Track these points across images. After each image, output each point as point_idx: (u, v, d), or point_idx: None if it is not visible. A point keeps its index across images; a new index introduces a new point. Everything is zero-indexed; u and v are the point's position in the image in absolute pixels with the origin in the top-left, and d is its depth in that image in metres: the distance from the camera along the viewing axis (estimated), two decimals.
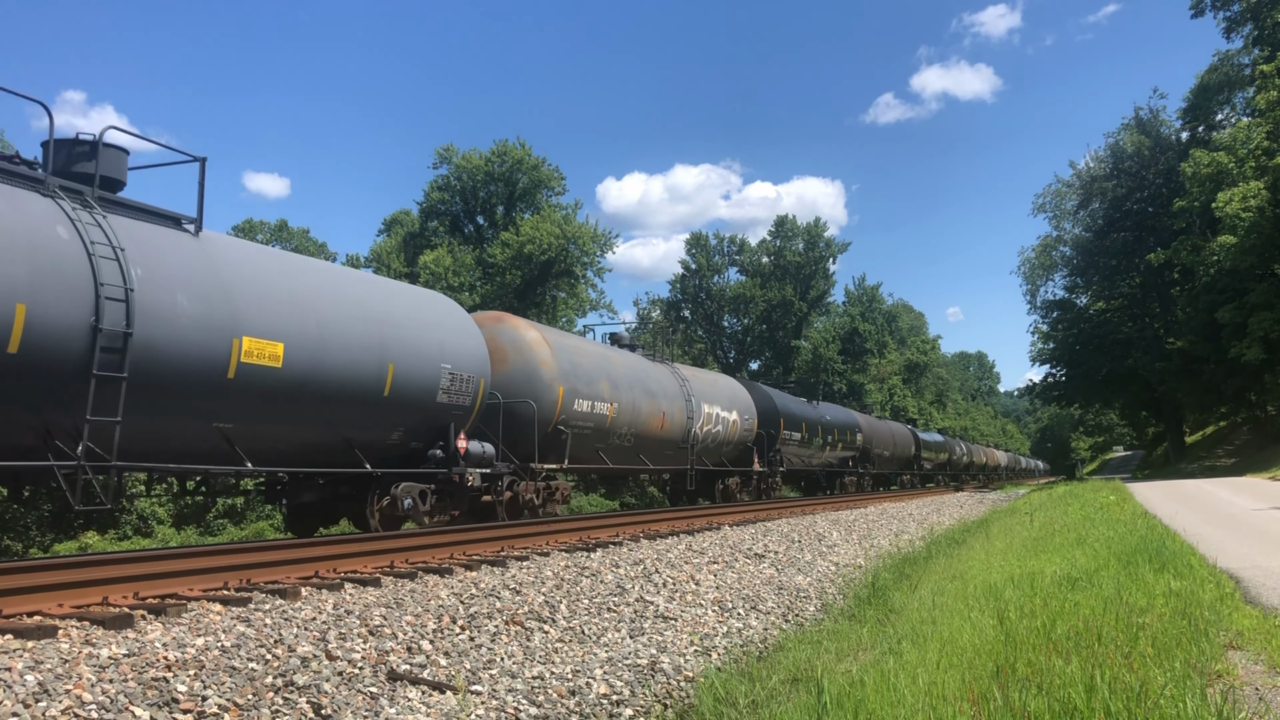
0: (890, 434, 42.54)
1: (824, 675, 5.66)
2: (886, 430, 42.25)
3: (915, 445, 47.50)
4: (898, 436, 44.11)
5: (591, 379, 16.97)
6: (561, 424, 15.93)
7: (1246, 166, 38.93)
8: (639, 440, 18.81)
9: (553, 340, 16.59)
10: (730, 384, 25.78)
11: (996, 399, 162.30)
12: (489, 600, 7.99)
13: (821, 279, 76.93)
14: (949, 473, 57.80)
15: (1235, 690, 4.51)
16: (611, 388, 17.62)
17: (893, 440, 42.32)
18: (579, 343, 18.19)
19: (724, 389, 24.28)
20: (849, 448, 34.46)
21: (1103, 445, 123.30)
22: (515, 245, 47.33)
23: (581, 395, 16.42)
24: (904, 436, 45.89)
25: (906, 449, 45.48)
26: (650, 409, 19.14)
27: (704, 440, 21.98)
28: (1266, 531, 13.25)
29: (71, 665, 5.08)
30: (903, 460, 44.80)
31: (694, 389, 21.65)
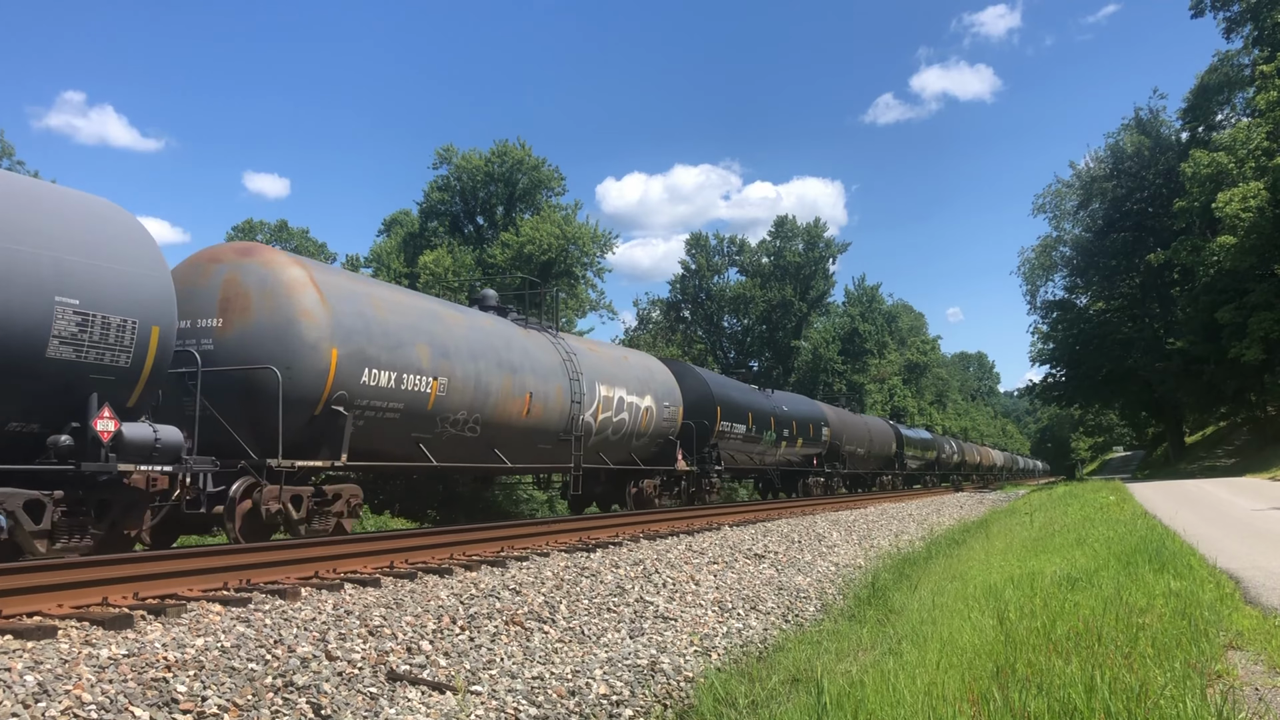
0: (865, 429, 38.61)
1: (824, 675, 5.66)
2: (861, 425, 38.27)
3: (897, 442, 43.77)
4: (875, 432, 40.25)
5: (397, 342, 12.43)
6: (338, 402, 11.37)
7: (1246, 167, 38.92)
8: (490, 429, 14.49)
9: (328, 284, 11.81)
10: (645, 363, 21.10)
11: (996, 399, 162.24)
12: (489, 600, 7.99)
13: (821, 279, 76.87)
14: (937, 472, 55.09)
15: (1235, 690, 4.50)
16: (437, 356, 13.16)
17: (868, 436, 38.50)
18: (384, 293, 13.32)
19: (634, 369, 19.82)
20: (813, 444, 30.69)
21: (1103, 445, 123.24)
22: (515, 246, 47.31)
23: (378, 364, 11.97)
24: (883, 432, 42.10)
25: (886, 446, 41.76)
26: (507, 387, 14.68)
27: (601, 432, 17.87)
28: (1266, 532, 13.24)
29: (71, 665, 5.07)
30: (882, 459, 41.27)
31: (585, 365, 17.36)
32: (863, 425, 38.40)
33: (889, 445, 42.29)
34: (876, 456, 39.99)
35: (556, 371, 16.35)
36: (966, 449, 67.89)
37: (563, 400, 16.29)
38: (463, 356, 13.78)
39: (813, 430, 30.63)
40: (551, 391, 15.99)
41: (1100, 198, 55.63)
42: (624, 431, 18.77)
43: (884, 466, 42.01)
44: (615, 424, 18.43)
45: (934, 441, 54.28)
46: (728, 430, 23.33)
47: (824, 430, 31.81)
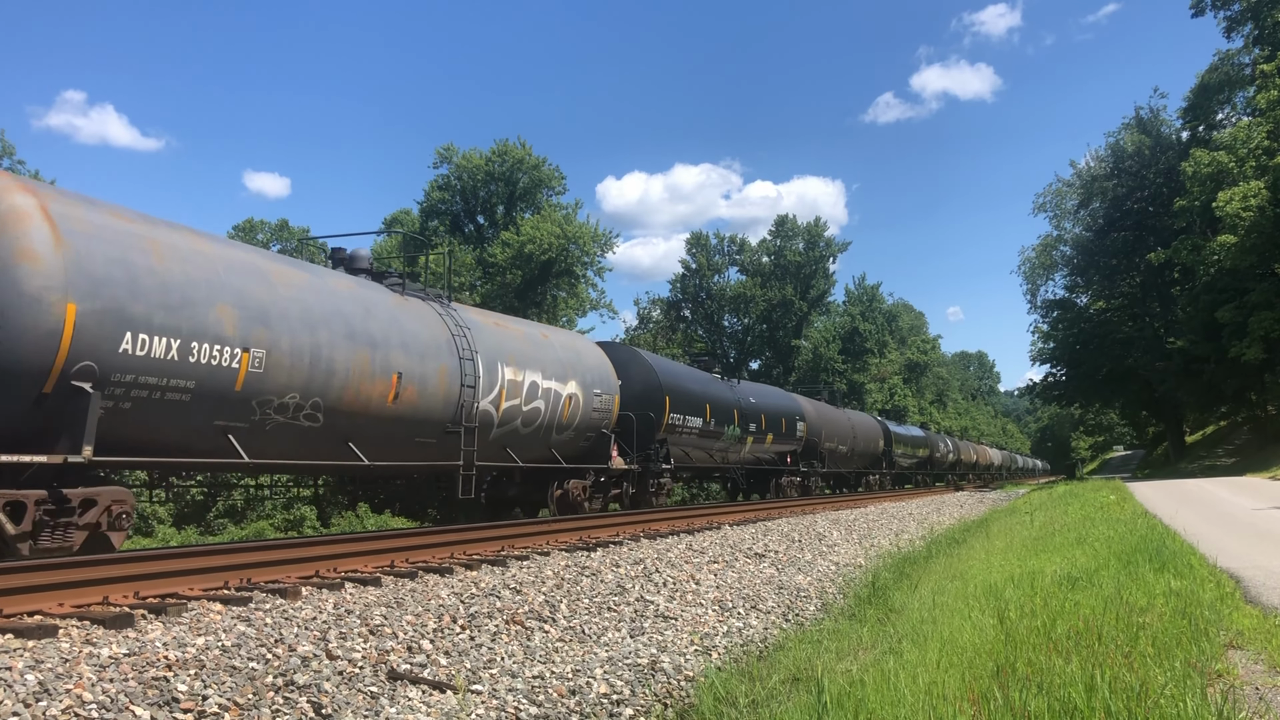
0: (849, 425, 35.80)
1: (824, 675, 5.66)
2: (844, 421, 35.47)
3: (885, 439, 41.12)
4: (860, 428, 37.44)
5: (184, 300, 9.43)
6: (81, 376, 8.47)
7: (1247, 166, 38.92)
8: (339, 417, 11.44)
9: (71, 218, 8.72)
10: (571, 343, 17.71)
11: (997, 399, 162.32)
12: (489, 600, 7.99)
13: (822, 279, 76.92)
14: (931, 472, 52.33)
15: (1235, 690, 4.50)
16: (250, 321, 10.13)
17: (852, 432, 35.69)
18: (171, 236, 9.88)
19: (554, 350, 16.47)
20: (786, 440, 27.77)
21: (1103, 445, 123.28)
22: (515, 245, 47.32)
23: (149, 327, 9.01)
24: (869, 428, 39.28)
25: (872, 443, 39.00)
26: (363, 366, 11.66)
27: (507, 423, 14.78)
28: (1267, 531, 13.24)
29: (72, 665, 5.08)
30: (868, 457, 38.58)
31: (483, 343, 14.24)
32: (845, 421, 35.71)
33: (876, 442, 39.72)
34: (862, 454, 37.37)
35: (440, 349, 13.15)
36: (963, 447, 65.37)
37: (448, 384, 13.16)
38: (292, 324, 10.68)
39: (785, 425, 27.69)
40: (431, 373, 12.84)
41: (1101, 197, 55.64)
42: (539, 423, 15.54)
43: (871, 465, 39.37)
44: (527, 414, 15.18)
45: (927, 439, 51.81)
46: (679, 424, 20.52)
47: (799, 425, 28.83)
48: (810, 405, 31.61)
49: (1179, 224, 46.24)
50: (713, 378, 24.52)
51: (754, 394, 26.43)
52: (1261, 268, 38.18)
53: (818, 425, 30.86)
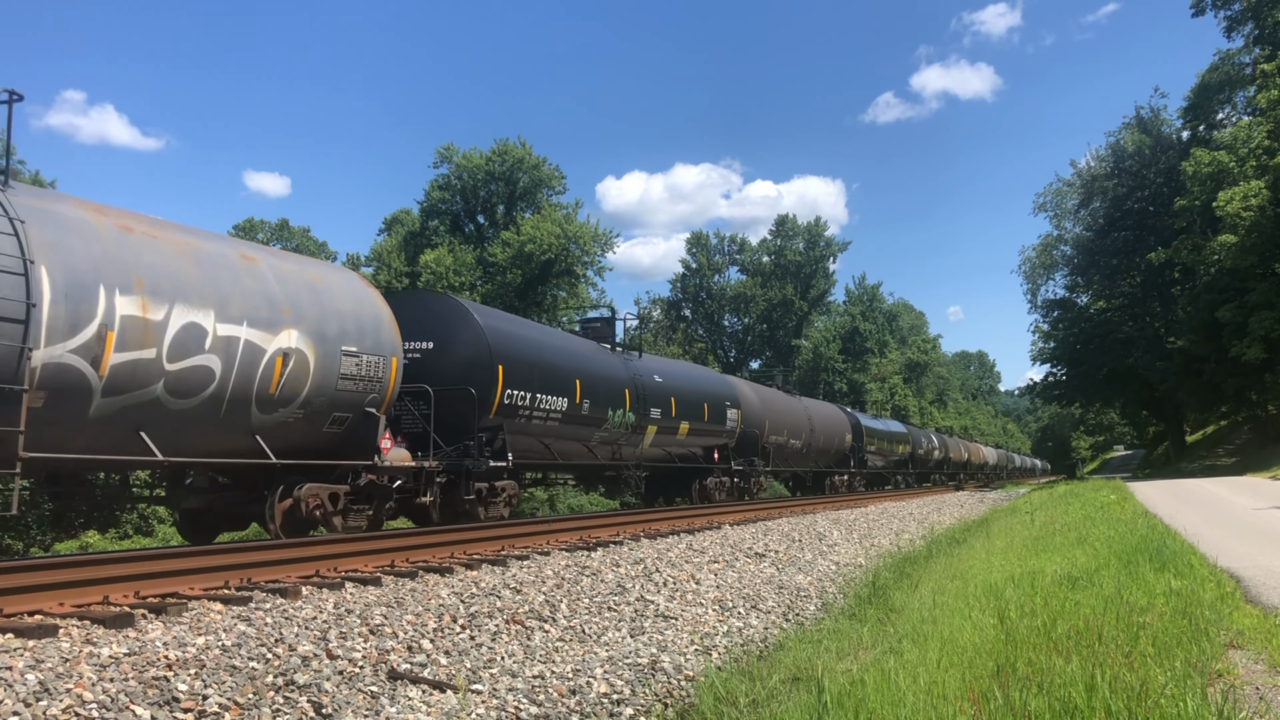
0: (804, 416, 30.33)
1: (824, 674, 5.66)
2: (797, 410, 30.04)
3: (854, 434, 35.77)
4: (820, 420, 32.00)
5: None
6: None
7: (1247, 165, 38.92)
8: None
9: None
10: (302, 273, 11.65)
11: (997, 398, 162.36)
12: (489, 599, 7.99)
13: (822, 278, 76.98)
14: (912, 471, 47.17)
15: (1236, 689, 4.50)
16: None
17: (808, 424, 30.23)
18: None
19: (265, 280, 10.76)
20: (710, 431, 22.53)
21: (1103, 444, 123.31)
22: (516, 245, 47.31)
23: None
24: (832, 421, 33.81)
25: (837, 438, 33.67)
26: None
27: (128, 389, 9.08)
28: (1267, 531, 13.24)
29: (72, 664, 5.08)
30: (831, 454, 33.52)
31: (62, 247, 8.55)
32: (800, 410, 30.35)
33: (841, 437, 34.32)
34: (822, 451, 32.04)
35: None
36: (951, 444, 60.17)
37: None
38: None
39: (710, 412, 22.13)
40: None
41: (1101, 196, 55.65)
42: (212, 393, 9.86)
43: (837, 463, 34.44)
44: (178, 376, 9.46)
45: (908, 435, 46.43)
46: (524, 405, 14.89)
47: (730, 413, 23.36)
48: (750, 390, 26.43)
49: (1179, 224, 46.24)
50: (596, 347, 18.79)
51: (662, 371, 20.84)
52: (1262, 267, 38.18)
53: (758, 414, 25.46)
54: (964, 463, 63.20)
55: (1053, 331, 57.62)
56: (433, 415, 13.53)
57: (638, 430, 19.06)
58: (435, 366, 14.15)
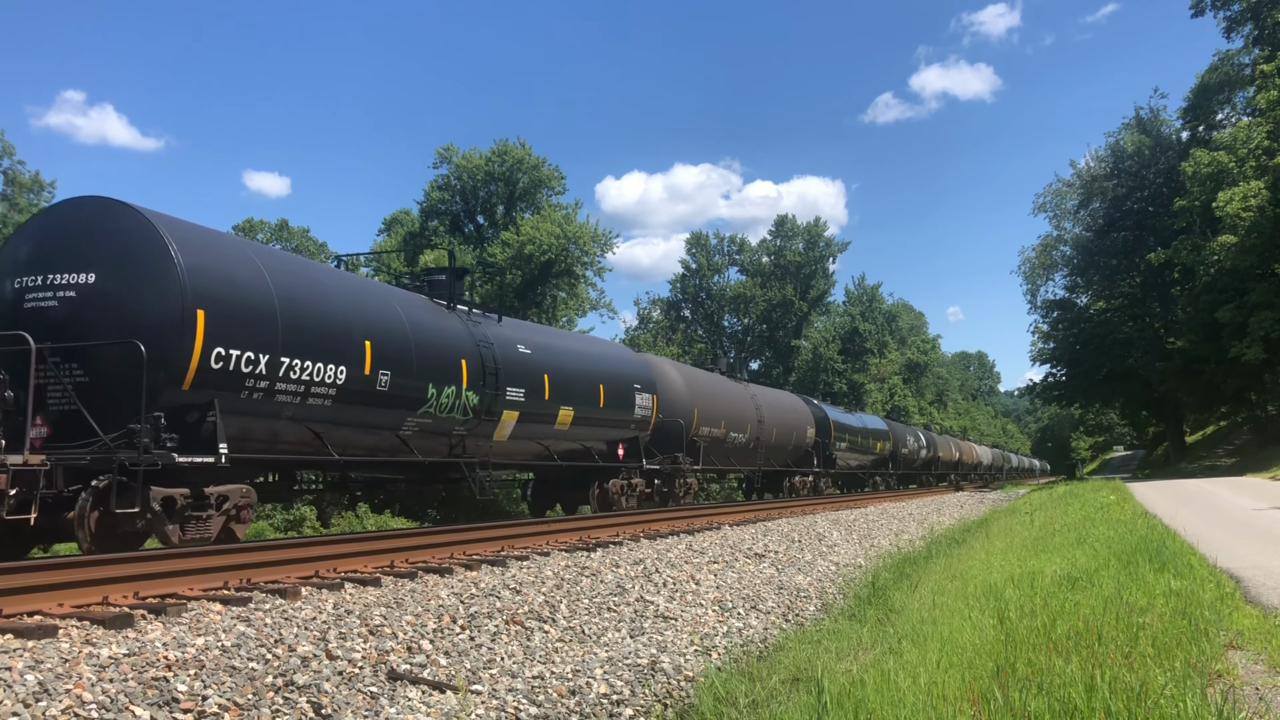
0: (750, 406, 25.37)
1: (824, 675, 5.66)
2: (742, 399, 25.12)
3: (819, 429, 31.18)
4: (772, 411, 26.87)
5: None
6: None
7: (1247, 166, 38.94)
8: None
9: None
10: None
11: (997, 399, 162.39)
12: (489, 600, 7.99)
13: (821, 279, 77.00)
14: (894, 472, 42.88)
15: (1235, 690, 4.50)
16: None
17: (756, 416, 25.32)
18: None
19: None
20: (608, 421, 17.89)
21: (1103, 445, 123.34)
22: (515, 245, 47.32)
23: None
24: (791, 413, 29.06)
25: (796, 434, 28.93)
26: None
27: None
28: (1267, 531, 13.25)
29: (72, 665, 5.07)
30: (790, 451, 28.96)
31: None
32: (745, 399, 25.35)
33: (802, 431, 29.55)
34: (776, 448, 27.21)
35: None
36: (940, 443, 55.77)
37: None
38: None
39: (608, 397, 17.55)
40: None
41: (1101, 197, 55.66)
42: None
43: (797, 462, 29.96)
44: None
45: (888, 431, 42.02)
46: (258, 373, 10.25)
47: (641, 399, 18.78)
48: (675, 372, 21.91)
49: (1179, 224, 46.26)
50: (423, 303, 13.75)
51: (532, 341, 15.96)
52: (1261, 268, 38.19)
53: (684, 401, 21.06)
54: (955, 462, 59.28)
55: (1052, 332, 57.64)
56: (95, 385, 9.29)
57: (485, 416, 14.04)
58: (97, 313, 9.46)
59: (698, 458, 21.50)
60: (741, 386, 26.39)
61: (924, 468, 49.86)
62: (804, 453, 30.29)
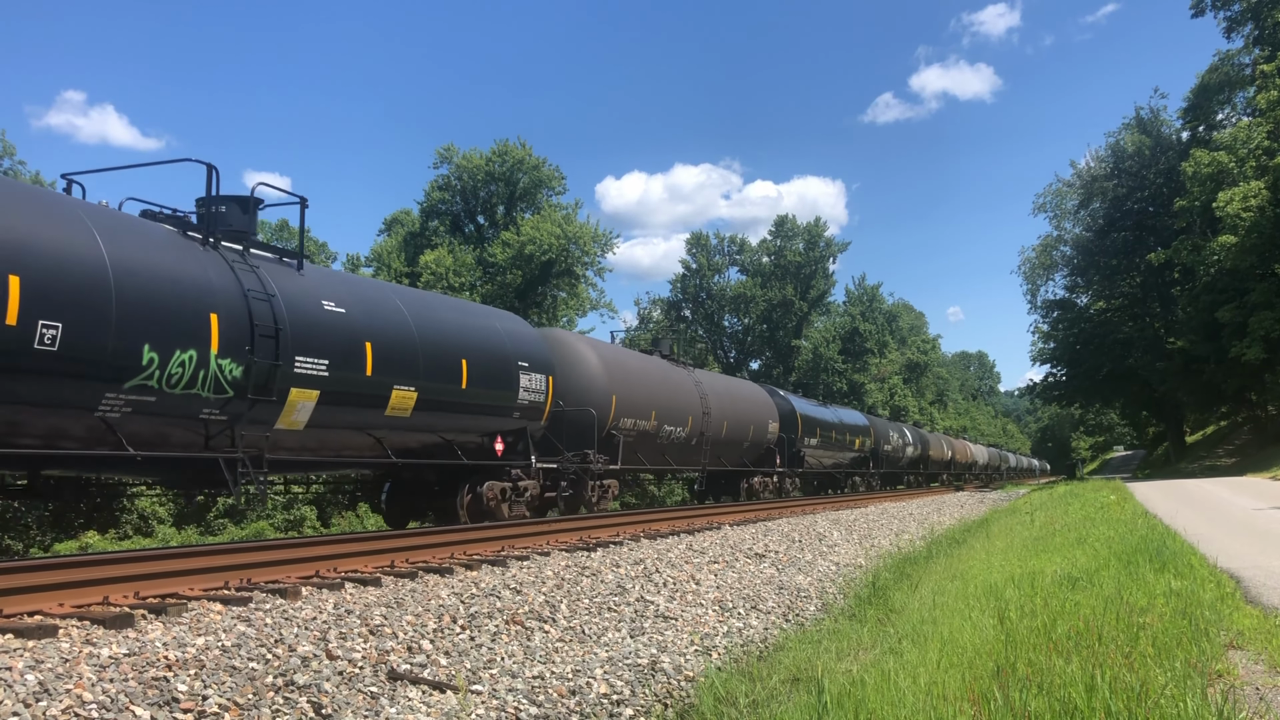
0: (693, 395, 21.41)
1: (824, 675, 5.66)
2: (682, 386, 21.17)
3: (781, 423, 26.91)
4: (722, 401, 23.02)
5: None
6: None
7: (1247, 166, 38.94)
8: None
9: None
10: None
11: (997, 399, 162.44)
12: (489, 600, 7.99)
13: (822, 279, 77.01)
14: (875, 472, 38.51)
15: (1236, 690, 4.50)
16: None
17: (700, 407, 21.43)
18: None
19: None
20: (488, 409, 14.17)
21: (1103, 445, 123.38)
22: (516, 245, 47.34)
23: None
24: (747, 404, 25.19)
25: (753, 427, 24.81)
26: None
27: None
28: (1267, 531, 13.25)
29: (72, 665, 5.08)
30: (747, 448, 24.96)
31: None
32: (686, 387, 21.36)
33: (762, 426, 25.42)
34: (728, 444, 23.39)
35: None
36: (931, 440, 52.16)
37: None
38: None
39: (476, 375, 13.64)
40: None
41: (1101, 197, 55.67)
42: None
43: (758, 460, 25.93)
44: None
45: (868, 427, 38.06)
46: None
47: (530, 380, 14.81)
48: (589, 350, 17.87)
49: (1179, 224, 46.28)
50: (139, 226, 9.81)
51: (349, 296, 12.00)
52: (1261, 268, 38.20)
53: (599, 386, 17.16)
54: (947, 462, 55.50)
55: (1052, 332, 57.66)
56: None
57: (258, 395, 10.16)
58: None
59: (616, 455, 17.45)
60: (684, 372, 22.37)
61: (911, 466, 46.36)
62: (765, 450, 26.22)
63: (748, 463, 25.41)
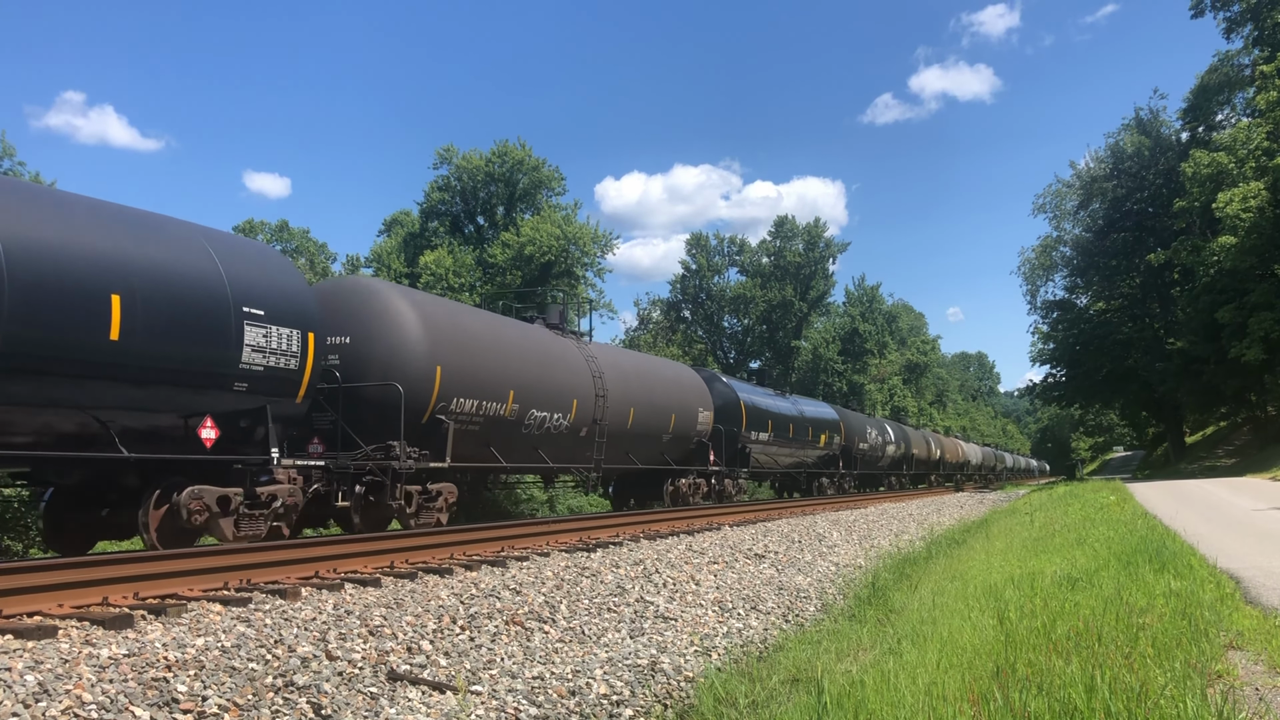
0: (583, 374, 16.81)
1: (824, 675, 5.66)
2: (568, 362, 16.62)
3: (719, 413, 22.31)
4: (627, 382, 18.33)
5: None
6: None
7: (1246, 167, 38.93)
8: None
9: None
10: None
11: (997, 399, 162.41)
12: (489, 600, 7.99)
13: (821, 279, 76.96)
14: (846, 473, 33.37)
15: (1235, 690, 4.50)
16: None
17: (592, 390, 16.77)
18: None
19: None
20: (176, 376, 9.21)
21: (1103, 445, 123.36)
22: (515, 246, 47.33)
23: None
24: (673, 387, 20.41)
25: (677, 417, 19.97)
26: None
27: None
28: (1267, 532, 13.24)
29: (72, 665, 5.07)
30: (669, 442, 19.96)
31: None
32: (573, 361, 16.83)
33: (690, 416, 20.58)
34: (630, 435, 18.29)
35: None
36: (916, 438, 47.09)
37: None
38: None
39: (131, 327, 8.63)
40: None
41: (1100, 198, 55.67)
42: None
43: (687, 458, 21.10)
44: None
45: (838, 422, 32.57)
46: None
47: (259, 337, 10.09)
48: (404, 304, 13.11)
49: (1179, 225, 46.27)
50: None
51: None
52: (1261, 268, 38.19)
53: (416, 355, 12.70)
54: (935, 461, 51.10)
55: (1052, 333, 57.64)
56: None
57: None
58: None
59: (442, 447, 12.90)
60: (571, 344, 17.36)
61: (893, 467, 41.50)
62: (697, 445, 21.43)
63: (671, 460, 20.25)
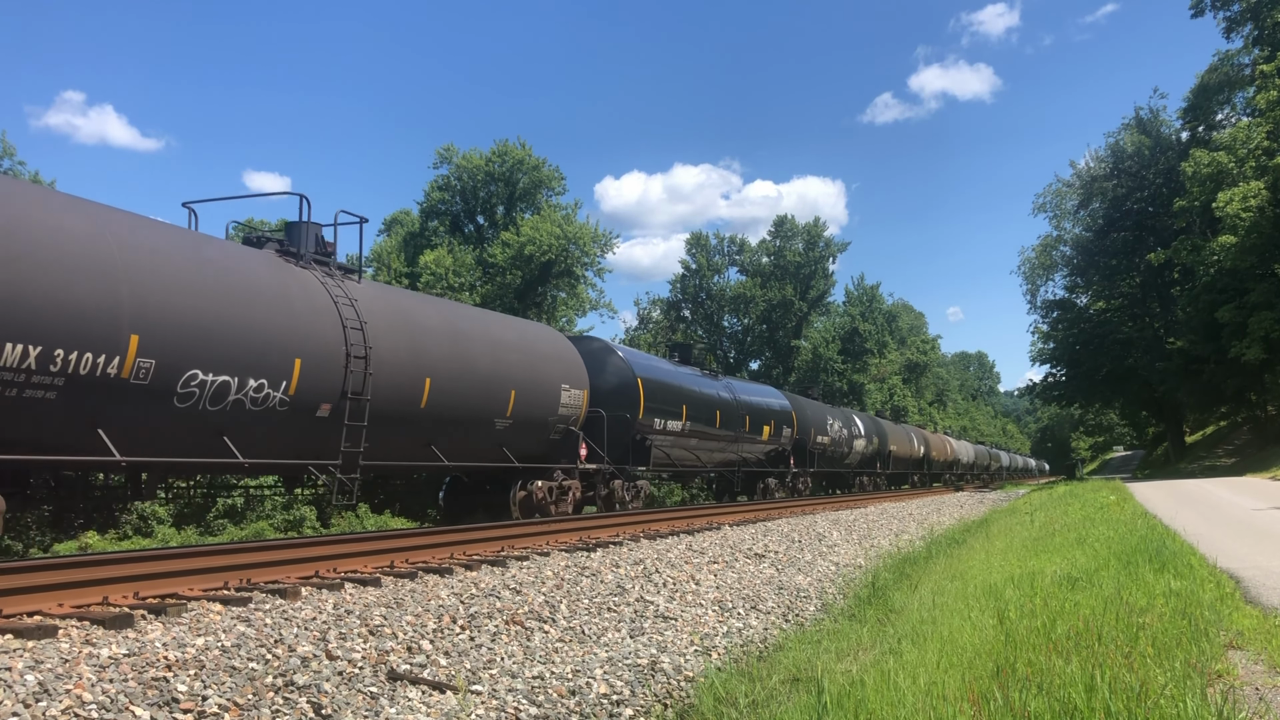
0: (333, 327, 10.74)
1: (824, 675, 5.66)
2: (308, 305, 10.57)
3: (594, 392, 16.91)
4: (419, 341, 12.41)
5: None
6: None
7: (1247, 166, 38.93)
8: None
9: None
10: None
11: (997, 399, 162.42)
12: (489, 600, 7.99)
13: (821, 279, 76.97)
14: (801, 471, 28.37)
15: (1235, 690, 4.50)
16: None
17: (332, 357, 10.64)
18: None
19: None
20: None
21: (1103, 445, 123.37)
22: (515, 245, 47.32)
23: None
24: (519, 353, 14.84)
25: (511, 392, 14.22)
26: None
27: None
28: (1267, 531, 13.24)
29: (72, 665, 5.07)
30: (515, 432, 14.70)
31: None
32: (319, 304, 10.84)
33: (543, 396, 15.32)
34: (423, 419, 12.59)
35: None
36: (895, 433, 41.15)
37: None
38: None
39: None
40: None
41: (1100, 197, 55.68)
42: None
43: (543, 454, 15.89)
44: None
45: (789, 411, 27.20)
46: None
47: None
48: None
49: (1179, 224, 46.27)
50: None
51: None
52: (1261, 268, 38.20)
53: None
54: (918, 460, 45.41)
55: (1052, 332, 57.67)
56: None
57: None
58: None
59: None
60: (310, 278, 11.29)
61: (864, 464, 35.96)
62: (563, 436, 16.25)
63: (514, 456, 14.96)
